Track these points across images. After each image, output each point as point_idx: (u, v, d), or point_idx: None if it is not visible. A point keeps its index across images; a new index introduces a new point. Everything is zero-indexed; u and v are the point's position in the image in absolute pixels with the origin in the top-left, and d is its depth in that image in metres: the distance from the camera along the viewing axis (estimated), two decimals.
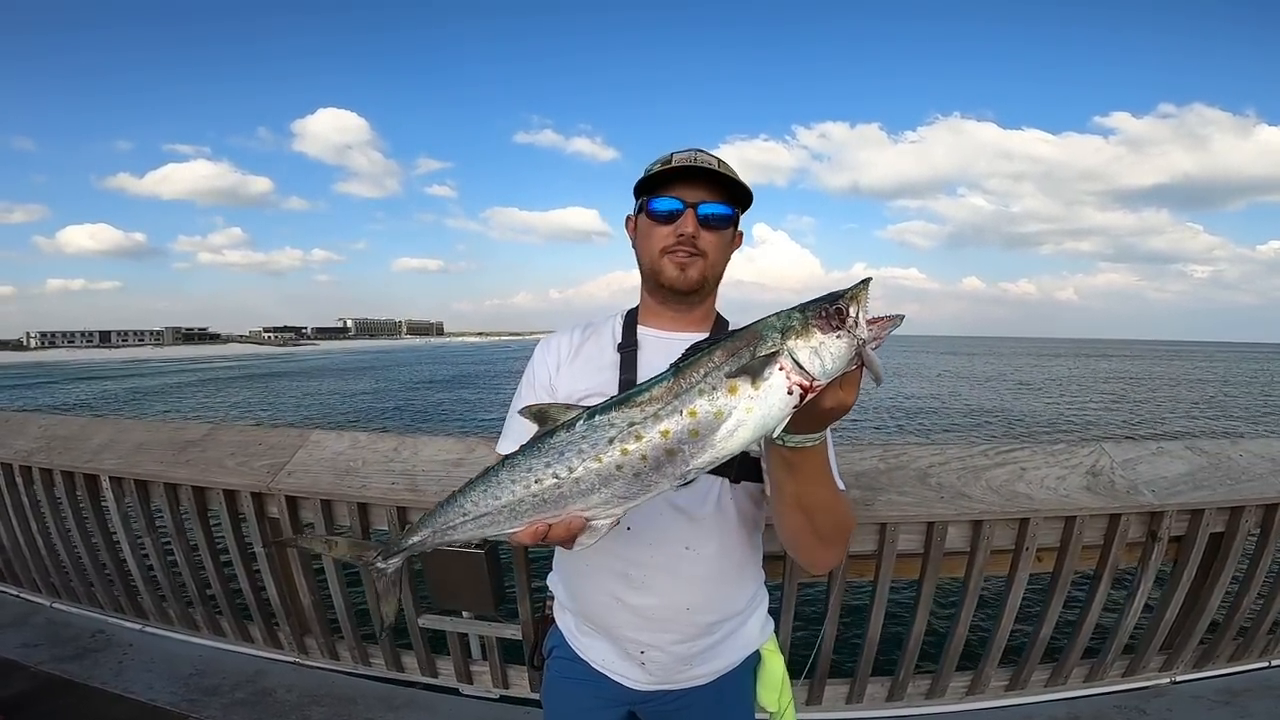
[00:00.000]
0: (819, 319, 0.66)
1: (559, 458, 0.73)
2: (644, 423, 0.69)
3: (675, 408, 0.68)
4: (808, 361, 0.65)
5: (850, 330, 0.65)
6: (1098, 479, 1.66)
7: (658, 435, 0.68)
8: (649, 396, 0.70)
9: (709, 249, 1.01)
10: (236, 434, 2.09)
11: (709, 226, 1.00)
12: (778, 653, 1.12)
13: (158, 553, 2.13)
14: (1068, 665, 1.84)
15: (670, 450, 0.68)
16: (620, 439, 0.69)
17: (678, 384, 0.69)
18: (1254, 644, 1.92)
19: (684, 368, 0.70)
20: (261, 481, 1.86)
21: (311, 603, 2.01)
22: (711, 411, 0.67)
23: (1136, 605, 1.79)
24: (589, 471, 0.71)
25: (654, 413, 0.69)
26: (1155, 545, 1.70)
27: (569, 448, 0.72)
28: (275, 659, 2.11)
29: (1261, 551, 1.79)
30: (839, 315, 0.65)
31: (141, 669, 2.05)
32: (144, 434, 2.17)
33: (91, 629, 2.26)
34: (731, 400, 0.66)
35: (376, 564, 0.91)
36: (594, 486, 0.72)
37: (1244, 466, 1.74)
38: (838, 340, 0.65)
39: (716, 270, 1.04)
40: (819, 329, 0.65)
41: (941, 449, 1.69)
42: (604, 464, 0.70)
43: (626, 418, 0.70)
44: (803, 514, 0.86)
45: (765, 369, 0.66)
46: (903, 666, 1.79)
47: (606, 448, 0.70)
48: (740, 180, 0.99)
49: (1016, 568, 1.68)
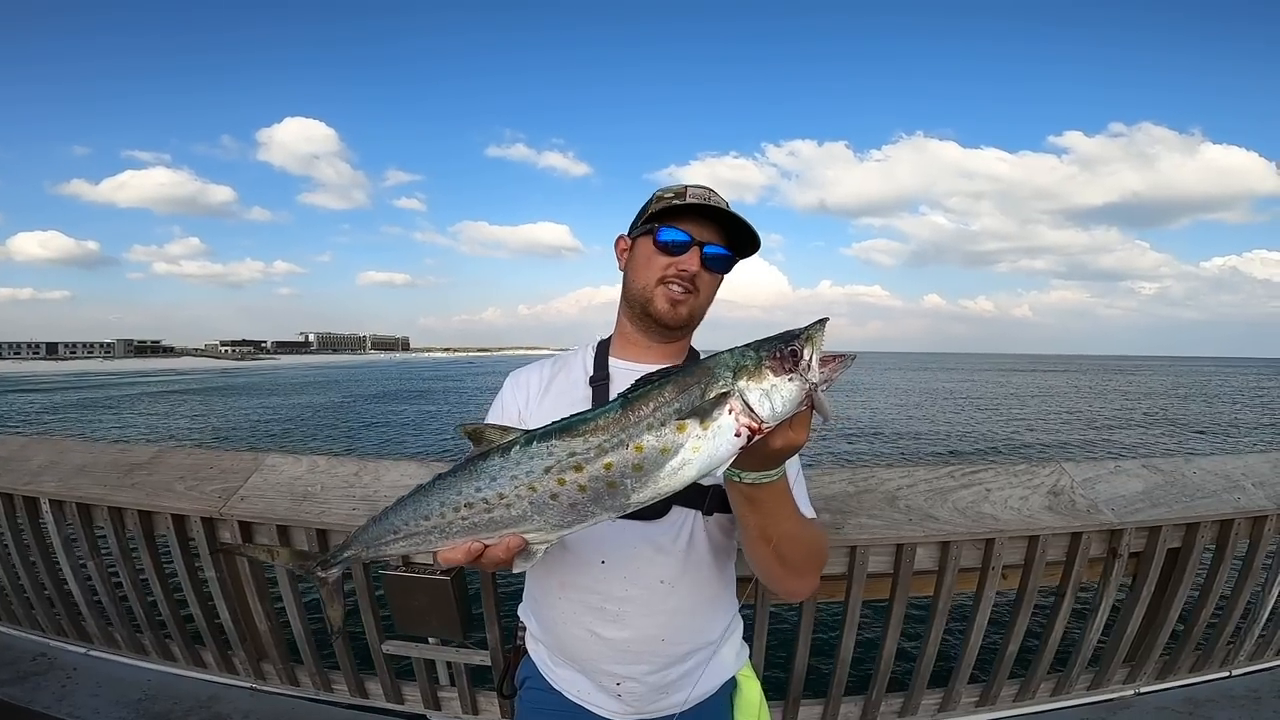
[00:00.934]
0: (772, 359, 0.66)
1: (490, 483, 0.70)
2: (586, 454, 0.67)
3: (621, 441, 0.67)
4: (758, 404, 0.65)
5: (803, 374, 0.65)
6: (1059, 498, 1.70)
7: (600, 468, 0.67)
8: (594, 426, 0.68)
9: (703, 288, 1.02)
10: (185, 456, 2.01)
11: (709, 268, 1.01)
12: (754, 678, 1.11)
13: (102, 577, 2.03)
14: (1035, 680, 1.87)
15: (611, 483, 0.67)
16: (558, 469, 0.68)
17: (625, 417, 0.68)
18: (1214, 655, 1.97)
19: (633, 400, 0.68)
20: (213, 506, 1.78)
21: (268, 628, 1.93)
22: (658, 448, 0.66)
23: (1099, 620, 1.83)
24: (521, 499, 0.69)
25: (598, 444, 0.67)
26: (1116, 562, 1.74)
27: (501, 473, 0.70)
28: (231, 684, 2.03)
29: (1217, 566, 1.85)
30: (793, 357, 0.66)
31: (87, 693, 1.95)
32: (86, 456, 2.07)
33: (33, 651, 2.14)
34: (679, 438, 0.66)
35: (317, 572, 0.92)
36: (526, 514, 0.70)
37: (1198, 484, 1.80)
38: (789, 384, 0.65)
39: (703, 310, 1.05)
40: (771, 371, 0.65)
41: (909, 471, 1.71)
42: (538, 493, 0.69)
43: (567, 448, 0.68)
44: (767, 545, 0.85)
45: (715, 409, 0.65)
46: (875, 686, 1.79)
47: (542, 476, 0.68)
48: (752, 228, 0.99)
49: (984, 586, 1.70)
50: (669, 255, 0.99)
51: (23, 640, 2.20)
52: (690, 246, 0.98)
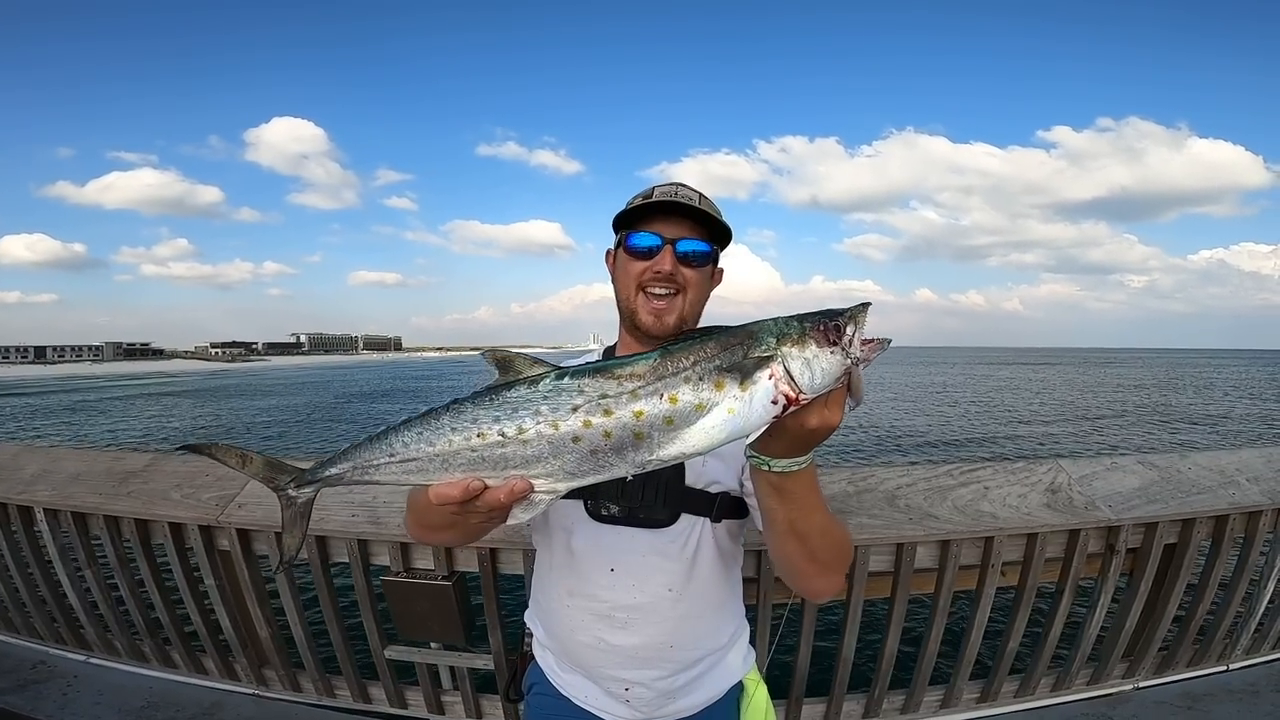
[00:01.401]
0: (817, 331, 0.65)
1: (511, 414, 0.66)
2: (618, 398, 0.64)
3: (657, 390, 0.64)
4: (798, 372, 0.64)
5: (845, 348, 0.64)
6: (1057, 496, 1.71)
7: (629, 414, 0.63)
8: (630, 372, 0.65)
9: (689, 287, 0.99)
10: (180, 464, 1.99)
11: (688, 263, 0.98)
12: (761, 682, 1.12)
13: (99, 585, 2.02)
14: (1035, 676, 1.88)
15: (639, 434, 0.64)
16: (586, 409, 0.64)
17: (663, 365, 0.65)
18: (1211, 649, 1.99)
19: (673, 350, 0.66)
20: (210, 514, 1.77)
21: (269, 634, 1.92)
22: (693, 403, 0.63)
23: (1098, 616, 1.84)
24: (541, 437, 0.65)
25: (632, 390, 0.64)
26: (1114, 558, 1.75)
27: (525, 405, 0.66)
28: (233, 690, 2.02)
29: (1213, 560, 1.87)
30: (836, 331, 0.65)
31: (89, 701, 1.94)
32: (80, 464, 2.05)
33: (32, 660, 2.13)
34: (715, 395, 0.64)
35: (288, 490, 0.81)
36: (541, 455, 0.65)
37: (1193, 479, 1.82)
38: (831, 356, 0.64)
39: (696, 310, 1.02)
40: (815, 341, 0.64)
41: (908, 470, 1.72)
42: (560, 432, 0.64)
43: (599, 388, 0.65)
44: (798, 540, 0.83)
45: (756, 371, 0.64)
46: (877, 684, 1.80)
47: (568, 415, 0.64)
48: (720, 218, 0.99)
49: (983, 584, 1.71)
50: (643, 260, 0.98)
51: (21, 649, 2.19)
52: (662, 247, 0.97)
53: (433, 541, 1.43)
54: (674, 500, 0.97)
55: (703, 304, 1.04)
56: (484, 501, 0.67)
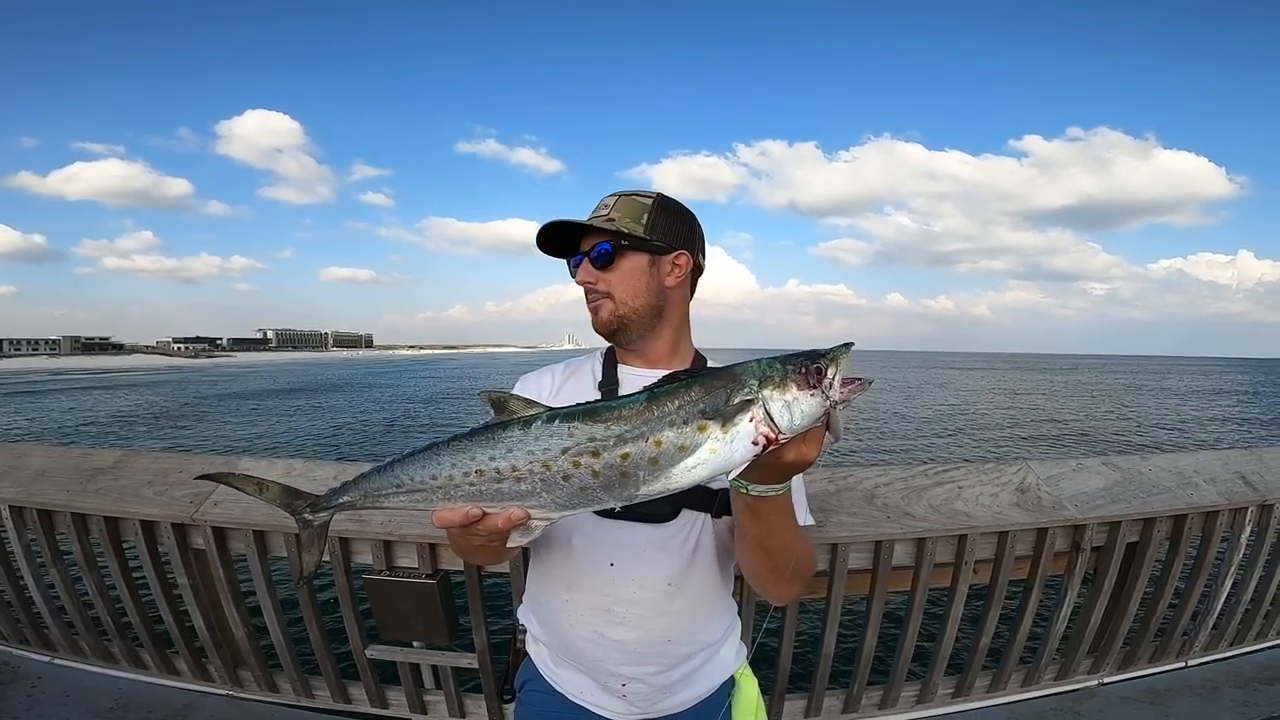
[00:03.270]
0: (798, 374, 0.68)
1: (506, 454, 0.71)
2: (605, 441, 0.68)
3: (642, 433, 0.68)
4: (779, 414, 0.67)
5: (825, 391, 0.67)
6: (1026, 495, 1.77)
7: (616, 457, 0.68)
8: (618, 415, 0.69)
9: (613, 287, 1.03)
10: (152, 461, 1.95)
11: (601, 265, 1.02)
12: (752, 677, 1.13)
13: (65, 584, 1.96)
14: (1006, 671, 1.94)
15: (625, 473, 0.68)
16: (575, 451, 0.69)
17: (649, 410, 0.69)
18: (1170, 645, 2.07)
19: (659, 395, 0.70)
20: (185, 512, 1.74)
21: (245, 634, 1.89)
22: (677, 444, 0.67)
23: (1064, 612, 1.91)
24: (533, 475, 0.70)
25: (619, 433, 0.68)
26: (1079, 555, 1.82)
27: (519, 446, 0.71)
28: (206, 692, 1.98)
29: (1172, 559, 1.95)
30: (818, 374, 0.67)
31: (55, 702, 1.89)
32: (45, 460, 1.99)
33: None
34: (698, 438, 0.68)
35: (304, 514, 0.89)
36: (534, 490, 0.71)
37: (1154, 480, 1.90)
38: (811, 399, 0.67)
39: (635, 305, 1.03)
40: (796, 384, 0.67)
41: (886, 470, 1.76)
42: (551, 471, 0.70)
43: (588, 432, 0.69)
44: (764, 554, 0.89)
45: (738, 415, 0.67)
46: (856, 679, 1.84)
47: (558, 456, 0.69)
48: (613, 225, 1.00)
49: (957, 581, 1.76)
50: (578, 279, 1.05)
51: None
52: (581, 263, 1.04)
53: (472, 561, 1.57)
54: (675, 495, 0.99)
55: (645, 295, 1.03)
56: (484, 527, 0.73)
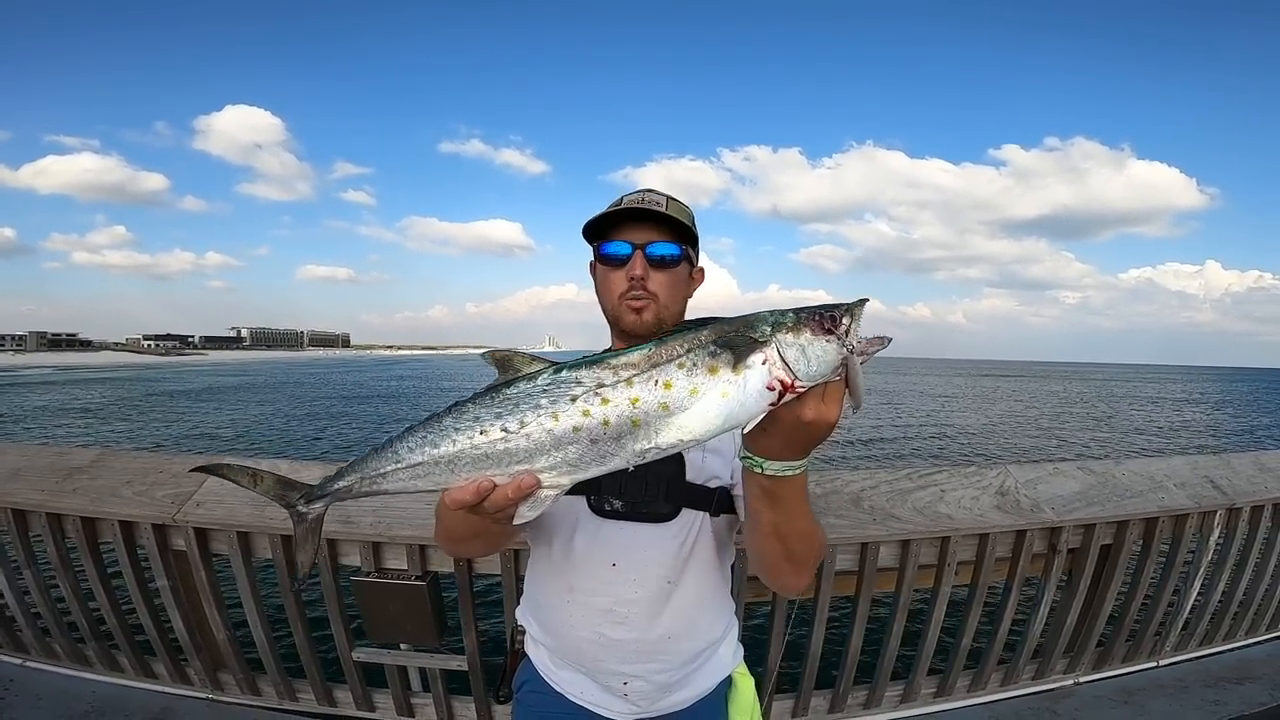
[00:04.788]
0: (812, 320, 0.65)
1: (513, 409, 0.67)
2: (614, 385, 0.65)
3: (651, 376, 0.65)
4: (794, 358, 0.64)
5: (841, 337, 0.64)
6: (1005, 498, 1.82)
7: (626, 402, 0.64)
8: (625, 361, 0.66)
9: (660, 290, 1.01)
10: (131, 460, 1.91)
11: (658, 266, 1.01)
12: (748, 676, 1.14)
13: (39, 586, 1.91)
14: (987, 671, 1.98)
15: (636, 421, 0.64)
16: (585, 399, 0.65)
17: (658, 353, 0.66)
18: (1143, 646, 2.14)
19: (668, 339, 0.67)
20: (165, 513, 1.71)
21: (226, 636, 1.85)
22: (687, 388, 0.64)
23: (1042, 613, 1.96)
24: (543, 429, 0.66)
25: (627, 377, 0.65)
26: (1056, 557, 1.88)
27: (525, 400, 0.67)
28: (185, 695, 1.94)
29: (1144, 561, 2.02)
30: (833, 321, 0.65)
31: (28, 706, 1.84)
32: (19, 459, 1.95)
33: None
34: (710, 380, 0.64)
35: (298, 506, 0.81)
36: (545, 447, 0.66)
37: (1127, 485, 1.96)
38: (826, 343, 0.64)
39: (671, 311, 1.04)
40: (810, 329, 0.64)
41: (871, 474, 1.80)
42: (560, 423, 0.65)
43: (596, 378, 0.66)
44: (778, 541, 0.86)
45: (749, 354, 0.64)
46: (842, 679, 1.87)
47: (568, 406, 0.65)
48: (684, 221, 1.01)
49: (940, 582, 1.80)
50: (618, 268, 1.02)
51: None
52: (632, 253, 1.00)
53: (462, 553, 1.47)
54: (675, 494, 0.99)
55: (680, 304, 1.06)
56: (492, 501, 0.68)
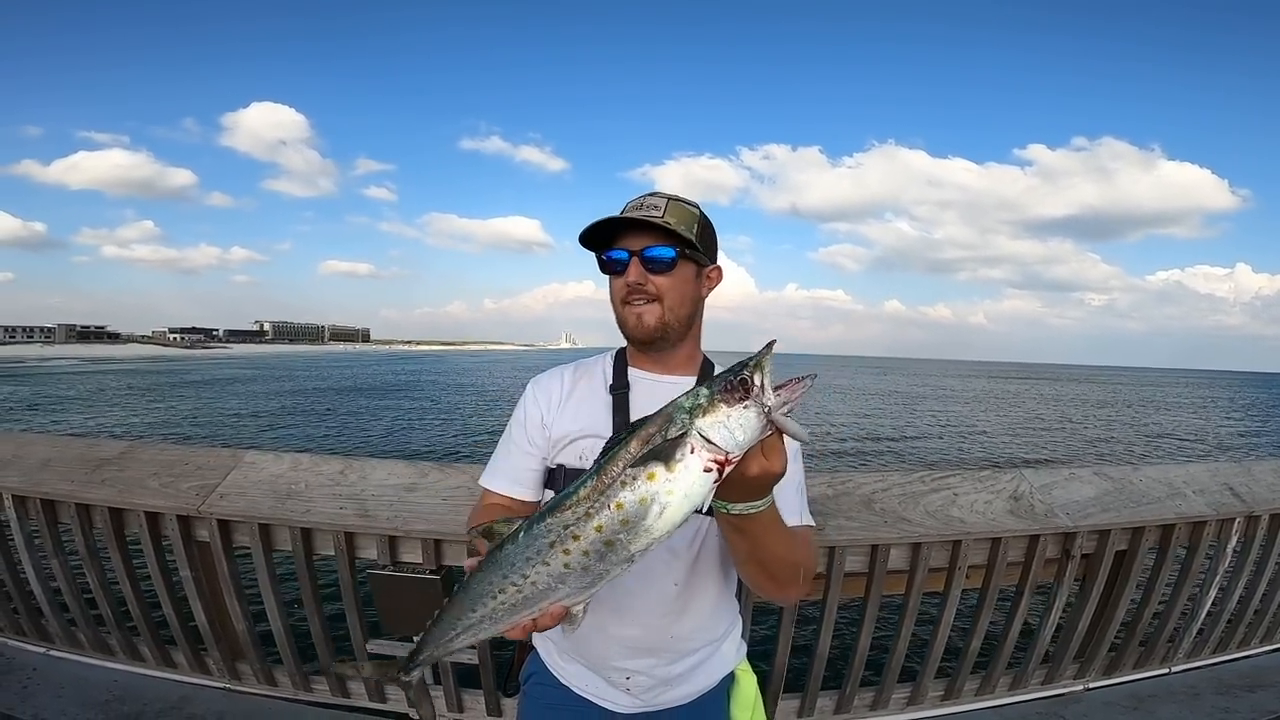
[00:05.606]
0: (723, 393, 0.68)
1: (512, 569, 0.77)
2: (577, 523, 0.71)
3: (602, 504, 0.70)
4: (719, 438, 0.67)
5: (756, 399, 0.67)
6: (1019, 503, 1.81)
7: (593, 531, 0.71)
8: (577, 498, 0.72)
9: (664, 293, 1.01)
10: (158, 452, 1.96)
11: (656, 270, 1.01)
12: (751, 674, 1.16)
13: (66, 575, 1.96)
14: (995, 675, 1.98)
15: (608, 541, 0.71)
16: (559, 542, 0.73)
17: (601, 481, 0.71)
18: (1155, 652, 2.12)
19: (605, 464, 0.72)
20: (190, 504, 1.75)
21: (245, 627, 1.90)
22: (635, 501, 0.69)
23: (1053, 618, 1.95)
24: (541, 575, 0.75)
25: (584, 512, 0.71)
26: (1069, 563, 1.86)
27: (518, 558, 0.76)
28: (204, 685, 1.98)
29: (1159, 568, 1.99)
30: (744, 386, 0.67)
31: (50, 694, 1.89)
32: (50, 450, 2.00)
33: None
34: (652, 486, 0.68)
35: (400, 678, 0.99)
36: (551, 586, 0.75)
37: (1144, 490, 1.94)
38: (745, 411, 0.67)
39: (679, 313, 1.04)
40: (724, 403, 0.68)
41: (884, 476, 1.80)
42: (552, 567, 0.74)
43: (560, 521, 0.73)
44: (758, 566, 0.89)
45: (676, 451, 0.68)
46: (849, 681, 1.88)
47: (549, 551, 0.73)
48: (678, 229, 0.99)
49: (950, 585, 1.80)
50: (617, 276, 1.03)
51: None
52: (628, 260, 1.01)
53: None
54: None
55: (689, 306, 1.05)
56: (541, 626, 0.80)
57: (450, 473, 1.77)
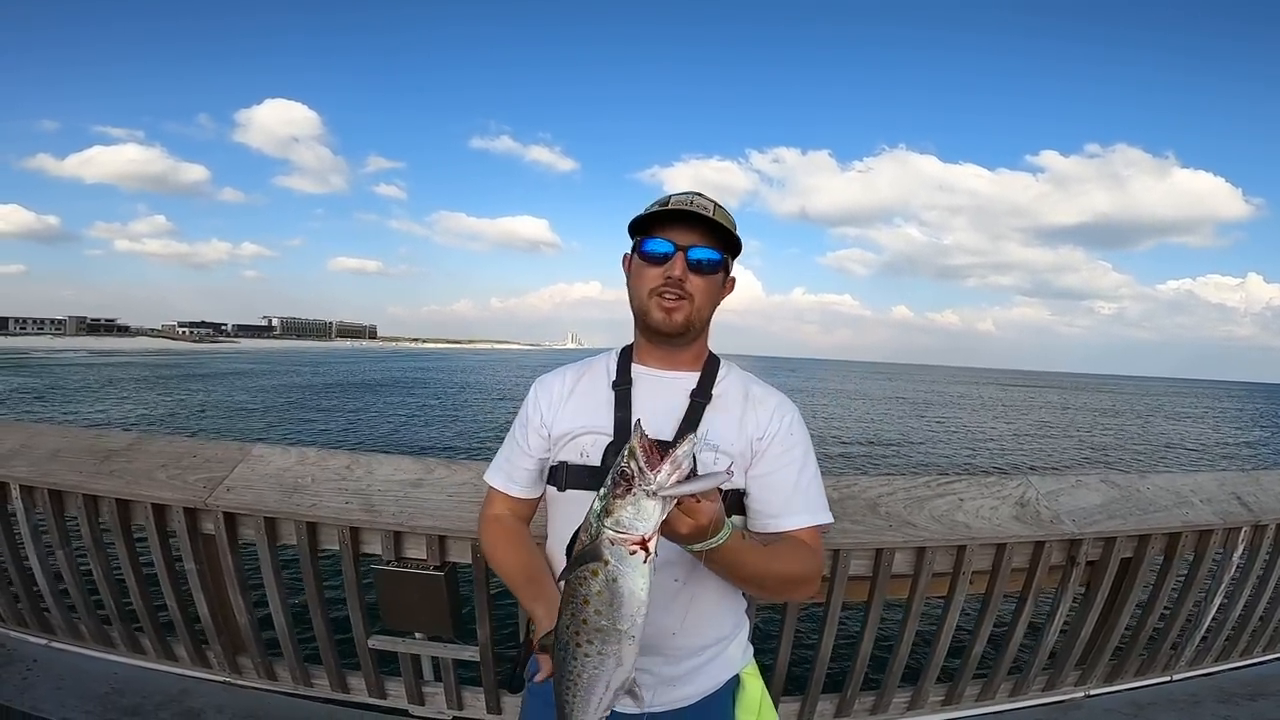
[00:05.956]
0: (613, 494, 0.73)
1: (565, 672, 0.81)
2: (574, 622, 0.77)
3: (577, 604, 0.76)
4: (629, 528, 0.72)
5: (640, 487, 0.72)
6: (1025, 509, 1.80)
7: (584, 626, 0.76)
8: (562, 605, 0.79)
9: (696, 293, 1.02)
10: (166, 445, 1.96)
11: (698, 270, 1.02)
12: (757, 676, 1.15)
13: (70, 567, 1.97)
14: (996, 680, 1.97)
15: (598, 629, 0.76)
16: (572, 640, 0.78)
17: (567, 590, 0.78)
18: (1157, 660, 2.11)
19: (563, 596, 0.79)
20: (197, 497, 1.75)
21: (247, 621, 1.90)
22: (594, 593, 0.75)
23: (1056, 624, 1.94)
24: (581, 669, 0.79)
25: (570, 615, 0.77)
26: (1074, 569, 1.85)
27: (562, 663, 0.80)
28: (204, 678, 1.99)
29: (1164, 576, 1.98)
30: (625, 479, 0.72)
31: (50, 686, 1.90)
32: (59, 440, 2.01)
33: None
34: (599, 580, 0.74)
35: None
36: (595, 676, 0.80)
37: (1150, 498, 1.93)
38: (636, 501, 0.72)
39: (703, 315, 1.06)
40: (618, 503, 0.72)
41: (889, 480, 1.79)
42: (579, 661, 0.79)
43: (563, 625, 0.79)
44: (744, 584, 0.92)
45: (600, 550, 0.73)
46: (850, 684, 1.87)
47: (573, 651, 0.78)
48: (731, 229, 1.01)
49: (954, 590, 1.79)
50: (656, 265, 1.02)
51: None
52: (674, 254, 1.01)
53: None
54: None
55: (712, 310, 1.07)
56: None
57: (456, 469, 1.77)
